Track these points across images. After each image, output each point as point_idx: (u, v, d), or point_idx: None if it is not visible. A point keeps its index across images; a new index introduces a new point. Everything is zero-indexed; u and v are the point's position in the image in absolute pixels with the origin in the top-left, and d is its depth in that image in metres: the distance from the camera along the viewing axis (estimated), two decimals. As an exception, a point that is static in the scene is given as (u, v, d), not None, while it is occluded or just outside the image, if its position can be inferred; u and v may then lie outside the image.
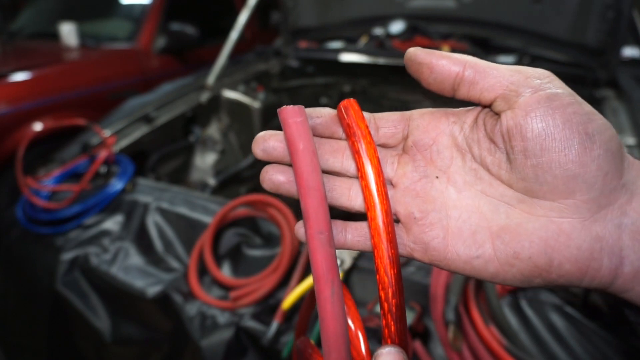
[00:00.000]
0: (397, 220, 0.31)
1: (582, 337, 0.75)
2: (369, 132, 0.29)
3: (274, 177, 0.30)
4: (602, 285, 0.26)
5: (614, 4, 1.49)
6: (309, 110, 0.31)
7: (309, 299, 0.40)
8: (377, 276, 0.27)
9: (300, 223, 0.30)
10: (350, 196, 0.31)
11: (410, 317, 0.78)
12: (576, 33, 1.62)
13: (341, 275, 0.87)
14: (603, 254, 0.25)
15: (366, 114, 0.31)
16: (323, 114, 0.31)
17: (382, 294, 0.26)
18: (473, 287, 0.82)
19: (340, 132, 0.32)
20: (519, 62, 1.76)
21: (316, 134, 0.32)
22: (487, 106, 0.28)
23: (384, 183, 0.28)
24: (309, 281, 0.89)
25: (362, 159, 0.28)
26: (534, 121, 0.25)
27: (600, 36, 1.56)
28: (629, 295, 0.26)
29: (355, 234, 0.31)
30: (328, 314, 0.26)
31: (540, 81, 0.26)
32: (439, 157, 0.30)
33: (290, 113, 0.28)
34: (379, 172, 0.28)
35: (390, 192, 0.31)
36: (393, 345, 0.25)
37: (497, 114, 0.28)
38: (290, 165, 0.30)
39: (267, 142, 0.30)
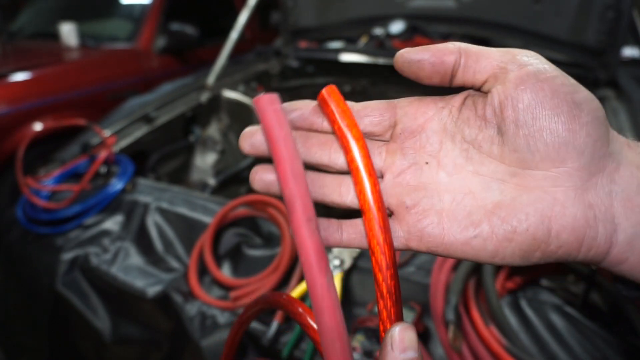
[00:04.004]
0: (390, 214, 0.31)
1: (582, 337, 0.75)
2: (352, 115, 0.29)
3: (265, 176, 0.30)
4: (598, 255, 0.26)
5: (614, 4, 1.49)
6: (284, 105, 0.31)
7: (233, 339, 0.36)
8: (374, 269, 0.27)
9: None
10: (341, 192, 0.31)
11: (410, 317, 0.78)
12: (576, 33, 1.62)
13: (341, 275, 0.87)
14: (597, 221, 0.26)
15: (349, 103, 0.31)
16: (299, 107, 0.32)
17: (379, 275, 0.27)
18: (473, 287, 0.82)
19: (319, 123, 0.32)
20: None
21: (295, 127, 0.32)
22: (478, 88, 0.30)
23: (371, 165, 0.28)
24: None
25: (347, 139, 0.28)
26: (524, 92, 0.27)
27: (600, 36, 1.55)
28: (624, 268, 0.26)
29: (350, 232, 0.30)
30: (328, 305, 0.25)
31: (528, 58, 0.28)
32: (429, 142, 0.30)
33: (266, 101, 0.28)
34: (364, 147, 0.28)
35: (381, 184, 0.31)
36: (400, 323, 0.25)
37: (487, 93, 0.29)
38: None
39: (254, 137, 0.30)
